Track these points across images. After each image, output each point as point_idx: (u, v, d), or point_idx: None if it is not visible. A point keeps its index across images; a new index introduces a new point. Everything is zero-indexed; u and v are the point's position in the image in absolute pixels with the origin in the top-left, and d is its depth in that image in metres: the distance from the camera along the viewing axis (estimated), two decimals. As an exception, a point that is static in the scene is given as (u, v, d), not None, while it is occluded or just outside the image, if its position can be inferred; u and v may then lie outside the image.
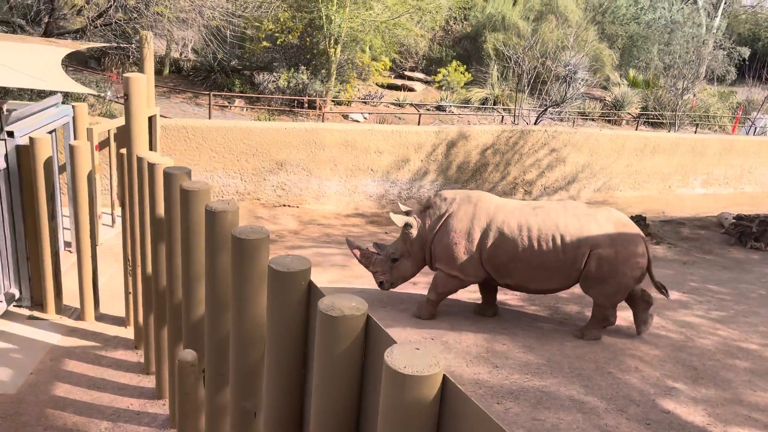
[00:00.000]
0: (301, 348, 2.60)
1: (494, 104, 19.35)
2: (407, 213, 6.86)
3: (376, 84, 19.73)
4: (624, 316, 7.53)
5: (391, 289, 7.16)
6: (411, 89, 20.42)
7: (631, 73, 23.82)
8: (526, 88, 17.23)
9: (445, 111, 18.39)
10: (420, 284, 8.09)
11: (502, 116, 17.25)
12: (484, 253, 6.42)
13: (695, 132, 18.54)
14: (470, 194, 6.67)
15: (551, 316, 7.37)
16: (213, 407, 3.62)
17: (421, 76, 21.63)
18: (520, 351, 6.25)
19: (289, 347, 2.58)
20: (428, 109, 18.64)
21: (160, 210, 4.51)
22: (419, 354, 1.88)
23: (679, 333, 7.18)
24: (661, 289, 6.77)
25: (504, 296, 7.88)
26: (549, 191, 13.55)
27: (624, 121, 19.81)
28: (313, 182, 11.13)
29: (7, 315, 6.34)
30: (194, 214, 3.66)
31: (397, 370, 1.80)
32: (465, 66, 20.36)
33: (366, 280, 8.10)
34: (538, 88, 18.22)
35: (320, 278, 7.81)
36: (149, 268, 5.16)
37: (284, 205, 10.98)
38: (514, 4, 23.90)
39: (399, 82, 20.59)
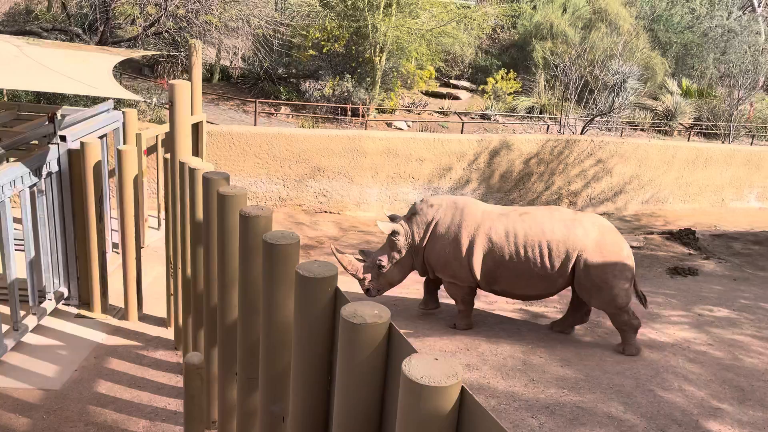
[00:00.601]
0: (326, 354, 2.61)
1: (540, 113, 19.11)
2: (393, 219, 6.86)
3: (421, 92, 19.74)
4: (670, 332, 7.30)
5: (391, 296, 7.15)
6: (456, 98, 20.36)
7: (685, 82, 23.17)
8: (573, 96, 16.95)
9: (489, 119, 18.26)
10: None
11: (548, 125, 17.02)
12: (472, 259, 6.43)
13: (751, 143, 17.89)
14: (456, 200, 6.70)
15: (591, 331, 7.20)
16: (244, 411, 3.67)
17: (466, 84, 21.54)
18: (557, 365, 6.12)
19: (314, 353, 2.59)
20: (472, 118, 18.54)
21: (199, 214, 4.61)
22: (437, 365, 1.86)
23: (727, 351, 6.91)
24: (641, 298, 6.73)
25: (544, 308, 7.75)
26: (594, 202, 13.27)
27: (676, 132, 19.28)
28: (355, 189, 11.19)
29: (56, 313, 6.57)
30: (230, 218, 3.73)
31: (414, 380, 1.79)
32: (513, 74, 20.19)
33: (404, 288, 8.08)
34: (585, 97, 17.90)
35: (357, 286, 7.83)
36: (189, 271, 5.27)
37: (325, 212, 11.07)
38: (563, 12, 23.60)
39: (444, 90, 20.55)
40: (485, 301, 7.79)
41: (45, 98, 11.43)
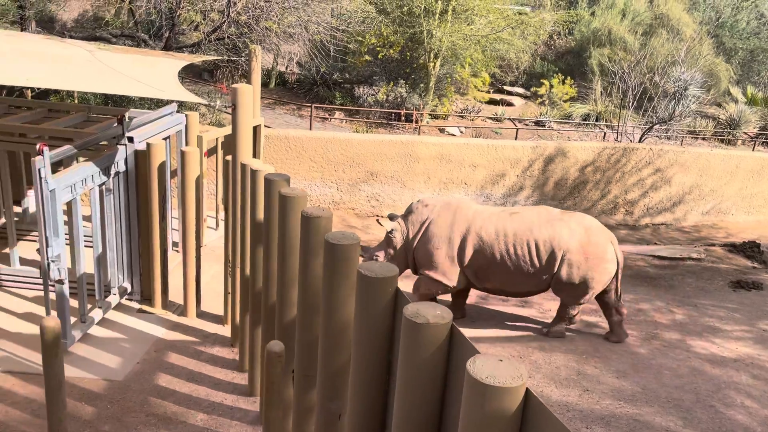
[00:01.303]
0: (386, 353, 2.64)
1: (596, 120, 18.75)
2: (392, 218, 7.12)
3: (475, 98, 19.65)
4: (732, 347, 7.05)
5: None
6: (510, 104, 20.18)
7: (750, 89, 22.32)
8: (631, 104, 16.57)
9: (544, 126, 18.03)
10: (509, 302, 7.95)
11: (604, 133, 16.68)
12: (464, 258, 6.61)
13: (821, 154, 17.06)
14: (450, 201, 6.91)
15: (647, 342, 7.02)
16: (300, 407, 3.74)
17: (521, 90, 21.33)
18: (612, 376, 6.00)
19: (374, 352, 2.63)
20: (526, 124, 18.34)
21: (260, 214, 4.72)
22: (502, 365, 1.87)
23: (794, 370, 6.63)
24: (618, 297, 6.91)
25: (599, 318, 7.60)
26: (652, 212, 12.93)
27: (739, 141, 18.59)
28: (407, 194, 11.22)
29: (120, 307, 6.83)
30: (291, 219, 3.81)
31: (479, 380, 1.80)
32: (569, 81, 19.89)
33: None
34: (644, 104, 17.48)
35: (409, 288, 7.85)
36: (247, 270, 5.40)
37: (377, 216, 11.14)
38: (622, 18, 23.11)
39: (498, 96, 20.41)
40: (538, 310, 7.69)
41: (112, 101, 11.90)
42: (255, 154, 9.30)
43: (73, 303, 6.62)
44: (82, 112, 7.67)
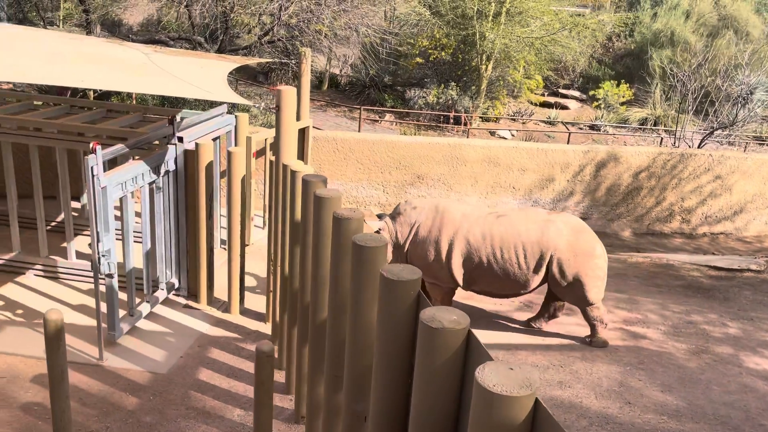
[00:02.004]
0: (407, 356, 2.63)
1: (654, 125, 18.20)
2: (380, 217, 7.11)
3: (528, 101, 19.38)
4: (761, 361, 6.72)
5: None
6: (564, 107, 19.82)
7: (822, 94, 21.19)
8: (690, 108, 16.00)
9: (599, 130, 17.61)
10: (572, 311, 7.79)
11: (662, 138, 16.16)
12: (452, 261, 6.62)
13: None
14: (438, 204, 6.90)
15: (696, 356, 6.76)
16: (330, 408, 3.77)
17: (576, 94, 20.92)
18: (657, 389, 5.80)
19: (396, 355, 2.63)
20: (581, 128, 17.96)
21: (298, 214, 4.79)
22: (512, 374, 1.84)
23: None
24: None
25: (645, 329, 7.37)
26: (711, 221, 12.45)
27: (809, 148, 17.67)
28: (453, 197, 11.16)
29: (167, 302, 7.04)
30: (324, 220, 3.86)
31: (486, 388, 1.78)
32: (627, 84, 19.38)
33: (497, 301, 7.97)
34: (705, 108, 16.84)
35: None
36: (287, 269, 5.48)
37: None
38: (686, 19, 22.36)
39: (552, 99, 20.07)
40: (581, 318, 7.52)
41: (169, 102, 12.29)
42: (303, 156, 9.43)
43: (122, 296, 6.86)
44: (138, 112, 7.95)
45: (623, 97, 19.08)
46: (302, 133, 9.23)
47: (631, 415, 5.34)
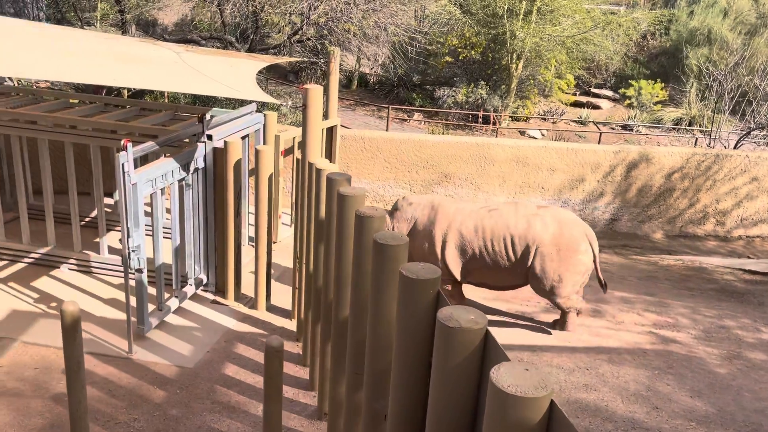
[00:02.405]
0: (426, 355, 2.63)
1: (689, 125, 17.82)
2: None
3: (559, 101, 19.16)
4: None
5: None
6: (596, 107, 19.54)
7: None
8: (727, 108, 15.63)
9: (631, 130, 17.33)
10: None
11: (696, 138, 15.82)
12: (447, 254, 6.79)
13: None
14: (433, 199, 7.09)
15: (728, 362, 6.60)
16: (351, 405, 3.79)
17: (608, 93, 20.60)
18: (686, 395, 5.69)
19: (414, 354, 2.63)
20: (613, 128, 17.69)
21: (322, 212, 4.82)
22: (528, 375, 1.82)
23: None
24: (602, 285, 7.14)
25: (676, 333, 7.23)
26: (747, 223, 12.14)
27: None
28: (481, 197, 11.10)
29: (195, 297, 7.15)
30: (347, 218, 3.87)
31: (501, 389, 1.77)
32: (662, 83, 19.02)
33: (524, 301, 7.90)
34: (741, 108, 16.43)
35: (477, 295, 7.76)
36: (311, 267, 5.52)
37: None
38: (723, 17, 21.85)
39: (584, 99, 19.80)
40: (610, 320, 7.41)
41: (200, 100, 12.46)
42: (331, 154, 9.48)
43: (152, 291, 6.99)
44: (169, 110, 8.09)
45: (657, 96, 18.73)
46: (330, 131, 9.28)
47: (658, 420, 5.25)
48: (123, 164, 5.59)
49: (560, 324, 7.08)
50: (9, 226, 8.17)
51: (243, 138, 7.87)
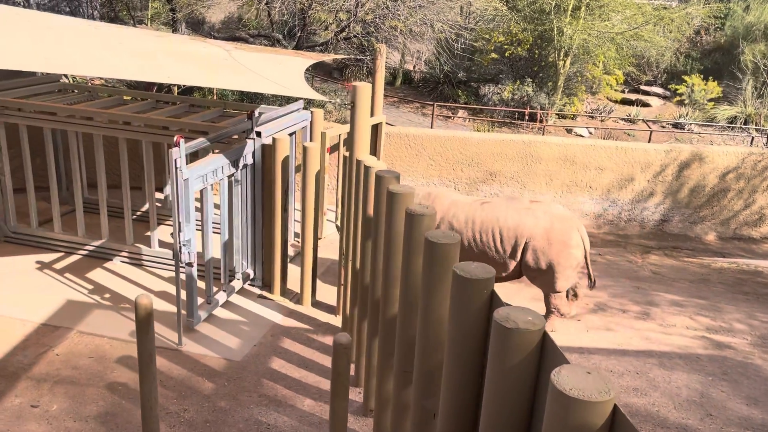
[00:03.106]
0: (479, 356, 2.60)
1: (745, 123, 17.21)
2: None
3: (607, 98, 18.75)
4: None
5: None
6: (646, 104, 19.05)
7: None
8: (786, 106, 15.03)
9: (683, 129, 16.84)
10: (629, 314, 7.52)
11: (752, 137, 15.28)
12: None
13: None
14: (431, 191, 7.25)
15: (789, 370, 6.36)
16: (398, 403, 3.78)
17: (659, 90, 20.06)
18: (741, 402, 5.50)
19: (467, 353, 2.61)
20: (663, 126, 17.22)
21: (370, 210, 4.82)
22: (590, 378, 1.78)
23: None
24: (591, 280, 7.13)
25: (731, 338, 7.00)
26: (805, 226, 11.67)
27: None
28: (527, 195, 10.95)
29: (242, 292, 7.26)
30: (397, 215, 3.86)
31: (562, 392, 1.73)
32: (715, 80, 18.43)
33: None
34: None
35: (522, 294, 7.68)
36: (358, 263, 5.54)
37: (495, 217, 10.98)
38: (782, 11, 20.99)
39: (633, 96, 19.33)
40: (659, 323, 7.23)
41: (247, 97, 12.65)
42: (376, 152, 9.50)
43: (201, 285, 7.12)
44: (219, 107, 8.23)
45: (711, 93, 18.15)
46: (375, 129, 9.29)
47: (712, 427, 5.09)
48: (175, 160, 5.70)
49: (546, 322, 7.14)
50: (65, 219, 8.45)
51: (290, 135, 7.95)
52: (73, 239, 7.85)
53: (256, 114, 7.07)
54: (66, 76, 10.45)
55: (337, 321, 6.82)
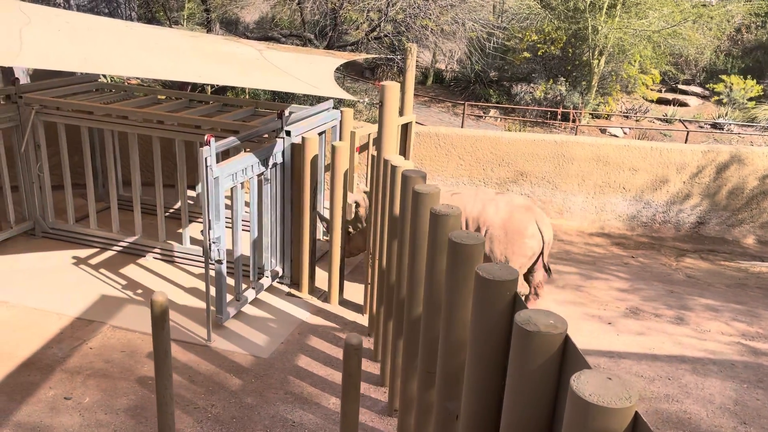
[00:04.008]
0: (501, 358, 2.58)
1: (787, 124, 16.69)
2: (366, 192, 7.63)
3: (643, 97, 18.40)
4: None
5: None
6: (684, 104, 18.63)
7: None
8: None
9: (722, 129, 16.43)
10: (662, 318, 7.37)
11: (795, 138, 14.81)
12: None
13: None
14: None
15: (829, 379, 6.14)
16: (422, 404, 3.77)
17: (697, 90, 19.60)
18: (778, 411, 5.34)
19: (489, 356, 2.58)
20: (701, 126, 16.83)
21: (396, 209, 4.82)
22: (610, 384, 1.75)
23: None
24: (546, 269, 7.23)
25: (765, 344, 6.80)
26: None
27: None
28: (558, 196, 10.81)
29: (271, 289, 7.33)
30: (422, 215, 3.85)
31: (581, 397, 1.70)
32: (756, 79, 17.93)
33: (601, 305, 7.64)
34: None
35: (551, 297, 7.58)
36: (384, 263, 5.54)
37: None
38: (827, 7, 20.31)
39: (670, 95, 18.93)
40: (694, 329, 7.06)
41: (279, 97, 12.75)
42: (405, 151, 9.48)
43: (230, 282, 7.21)
44: (250, 106, 8.31)
45: (751, 92, 17.67)
46: (405, 128, 9.27)
47: (746, 436, 4.95)
48: (206, 158, 5.78)
49: None
50: (100, 215, 8.64)
51: (320, 134, 7.99)
52: (108, 235, 8.02)
53: (286, 113, 7.12)
54: (104, 75, 10.68)
55: (364, 320, 6.83)
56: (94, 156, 9.18)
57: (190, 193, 9.74)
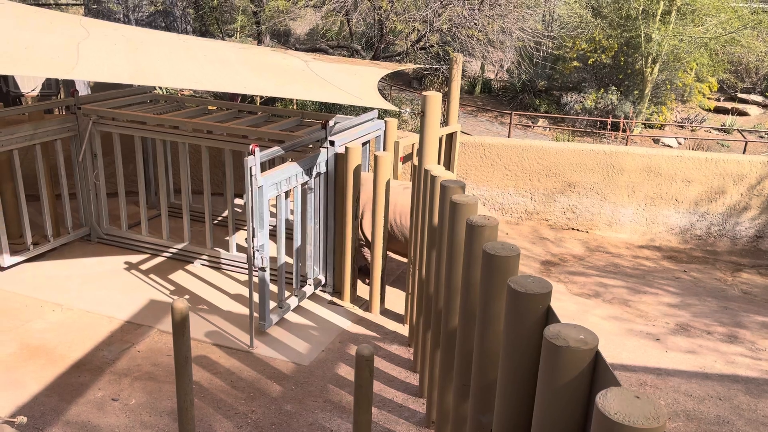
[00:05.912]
0: (532, 373, 2.54)
1: None
2: None
3: (699, 106, 17.84)
4: None
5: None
6: (743, 113, 17.98)
7: None
8: None
9: (783, 139, 15.75)
10: (714, 335, 7.09)
11: None
12: (363, 222, 7.55)
13: None
14: (367, 175, 7.75)
15: None
16: (458, 416, 3.74)
17: (758, 98, 18.88)
18: (838, 437, 5.06)
19: (521, 370, 2.55)
20: (761, 136, 16.19)
21: (435, 219, 4.80)
22: (638, 403, 1.70)
23: None
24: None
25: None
26: None
27: None
28: (607, 207, 10.56)
29: (313, 297, 7.40)
30: (459, 226, 3.83)
31: (606, 415, 1.66)
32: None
33: (649, 320, 7.41)
34: None
35: (595, 311, 7.40)
36: (423, 273, 5.52)
37: (572, 229, 10.64)
38: None
39: (729, 104, 18.30)
40: (748, 347, 6.77)
41: (325, 107, 12.92)
42: (450, 161, 9.45)
43: (273, 289, 7.31)
44: (296, 117, 8.45)
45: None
46: (450, 138, 9.25)
47: (802, 462, 4.71)
48: (250, 168, 5.90)
49: None
50: (151, 222, 8.91)
51: (364, 144, 8.04)
52: (158, 242, 8.26)
53: (331, 123, 7.20)
54: (158, 87, 11.05)
55: (404, 330, 6.82)
56: (147, 165, 9.48)
57: (238, 201, 9.94)
